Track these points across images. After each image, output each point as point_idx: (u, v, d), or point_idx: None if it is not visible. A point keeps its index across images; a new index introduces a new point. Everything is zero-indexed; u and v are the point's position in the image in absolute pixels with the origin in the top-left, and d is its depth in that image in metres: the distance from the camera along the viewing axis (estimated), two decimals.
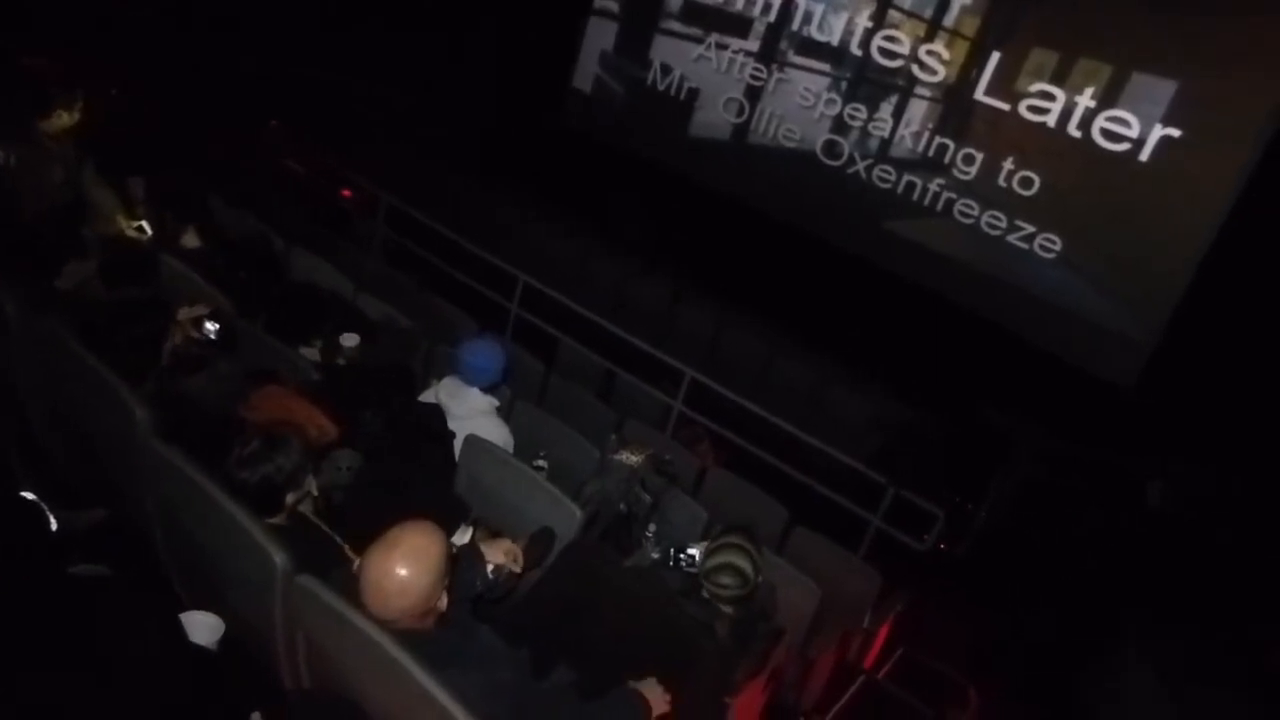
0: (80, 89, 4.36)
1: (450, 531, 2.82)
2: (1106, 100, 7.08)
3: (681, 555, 3.28)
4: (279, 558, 2.16)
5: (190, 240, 4.56)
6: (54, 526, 2.39)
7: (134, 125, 6.12)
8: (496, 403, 3.93)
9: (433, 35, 9.40)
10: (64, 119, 4.28)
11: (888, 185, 8.32)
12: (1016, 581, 6.82)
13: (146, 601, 2.10)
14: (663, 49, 9.33)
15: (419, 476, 3.19)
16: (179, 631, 2.10)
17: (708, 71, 9.08)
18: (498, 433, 3.82)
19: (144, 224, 4.43)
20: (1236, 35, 6.58)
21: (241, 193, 6.05)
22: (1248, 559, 6.31)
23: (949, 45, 7.89)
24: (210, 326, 3.27)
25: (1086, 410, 7.47)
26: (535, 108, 9.91)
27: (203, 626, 2.26)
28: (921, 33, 8.00)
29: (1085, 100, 7.14)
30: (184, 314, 3.30)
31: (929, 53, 7.96)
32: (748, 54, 8.83)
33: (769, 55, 8.73)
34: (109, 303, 3.45)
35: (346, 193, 8.56)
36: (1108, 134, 7.08)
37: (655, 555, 3.50)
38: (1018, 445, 7.67)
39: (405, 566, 2.04)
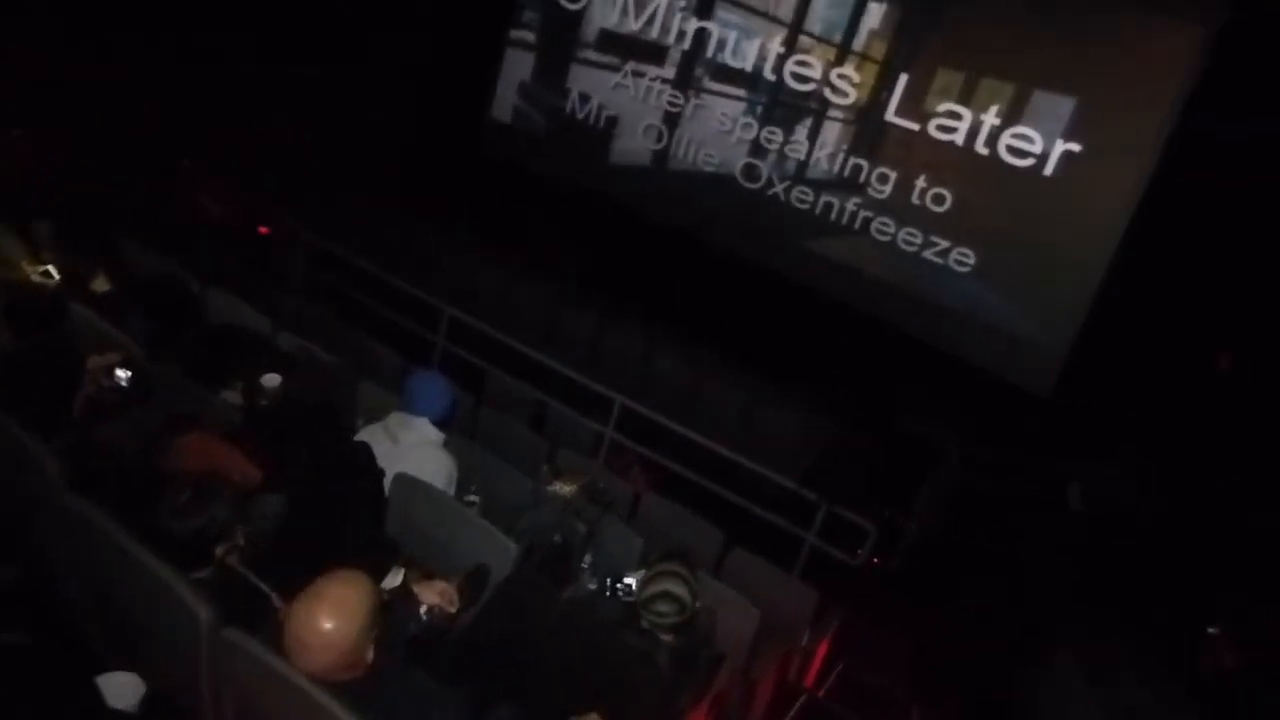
0: None
1: (382, 574, 2.77)
2: (1010, 118, 7.33)
3: (619, 585, 3.28)
4: (203, 611, 2.10)
5: (100, 284, 4.42)
6: None
7: (38, 168, 5.93)
8: (444, 436, 3.91)
9: (347, 68, 9.31)
10: None
11: (806, 206, 8.47)
12: (950, 592, 6.94)
13: (61, 667, 2.02)
14: (580, 78, 9.39)
15: (348, 519, 3.13)
16: (95, 698, 2.02)
17: (625, 99, 9.16)
18: (445, 463, 3.80)
19: (50, 268, 4.29)
20: (1126, 52, 6.89)
21: (153, 233, 5.90)
22: (1169, 558, 6.51)
23: (859, 68, 8.09)
24: (122, 374, 3.16)
25: (1007, 418, 7.68)
26: (454, 138, 9.87)
27: (122, 688, 2.18)
28: (832, 57, 8.20)
29: (990, 118, 7.37)
30: (94, 362, 3.18)
31: (840, 76, 8.15)
32: (664, 81, 8.93)
33: (685, 82, 8.84)
34: (15, 352, 3.32)
35: (264, 229, 8.39)
36: (1013, 150, 7.32)
37: (592, 586, 3.49)
38: (944, 456, 7.83)
39: (329, 619, 1.99)
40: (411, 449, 3.68)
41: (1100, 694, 5.50)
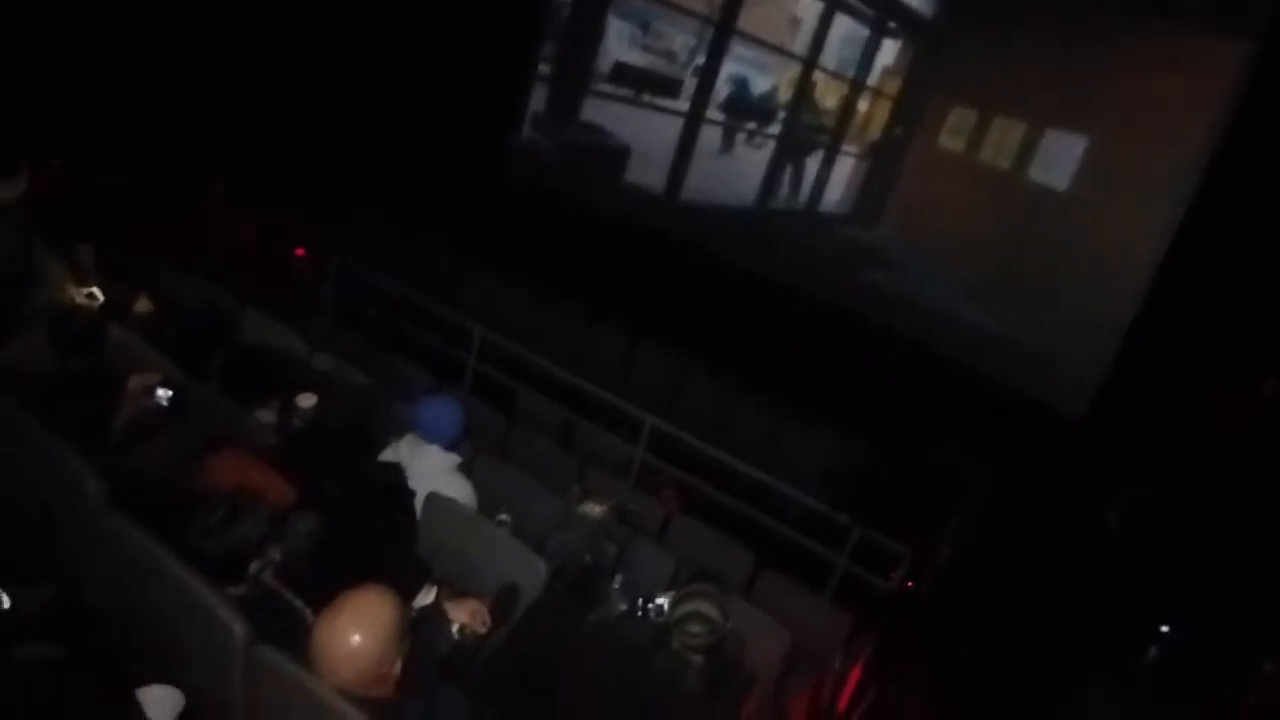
0: (24, 160, 4.32)
1: (414, 593, 2.78)
2: (1033, 145, 7.30)
3: (650, 605, 3.27)
4: (239, 628, 2.13)
5: (141, 306, 4.50)
6: (5, 605, 2.33)
7: (81, 193, 6.06)
8: (458, 459, 3.89)
9: (374, 94, 9.45)
10: (7, 190, 4.22)
11: (826, 235, 8.50)
12: (984, 617, 6.85)
13: (100, 680, 2.05)
14: (594, 110, 9.50)
15: (380, 538, 3.15)
16: (135, 709, 2.05)
17: (639, 131, 9.24)
18: (460, 490, 3.77)
19: (94, 290, 4.37)
20: (1143, 87, 6.84)
21: (188, 256, 6.00)
22: (1213, 589, 6.37)
23: (873, 103, 8.12)
24: (163, 394, 3.20)
25: (1041, 441, 7.59)
26: (475, 163, 9.97)
27: (161, 702, 2.20)
28: (846, 92, 8.23)
29: (1012, 148, 7.36)
30: (134, 383, 3.24)
31: (854, 111, 8.18)
32: (678, 114, 9.01)
33: (699, 114, 8.91)
34: (57, 374, 3.38)
35: (300, 251, 8.51)
36: (1036, 182, 7.29)
37: (623, 606, 3.48)
38: (977, 480, 7.75)
39: (355, 632, 2.01)
40: (422, 480, 3.66)
41: None
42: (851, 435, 7.97)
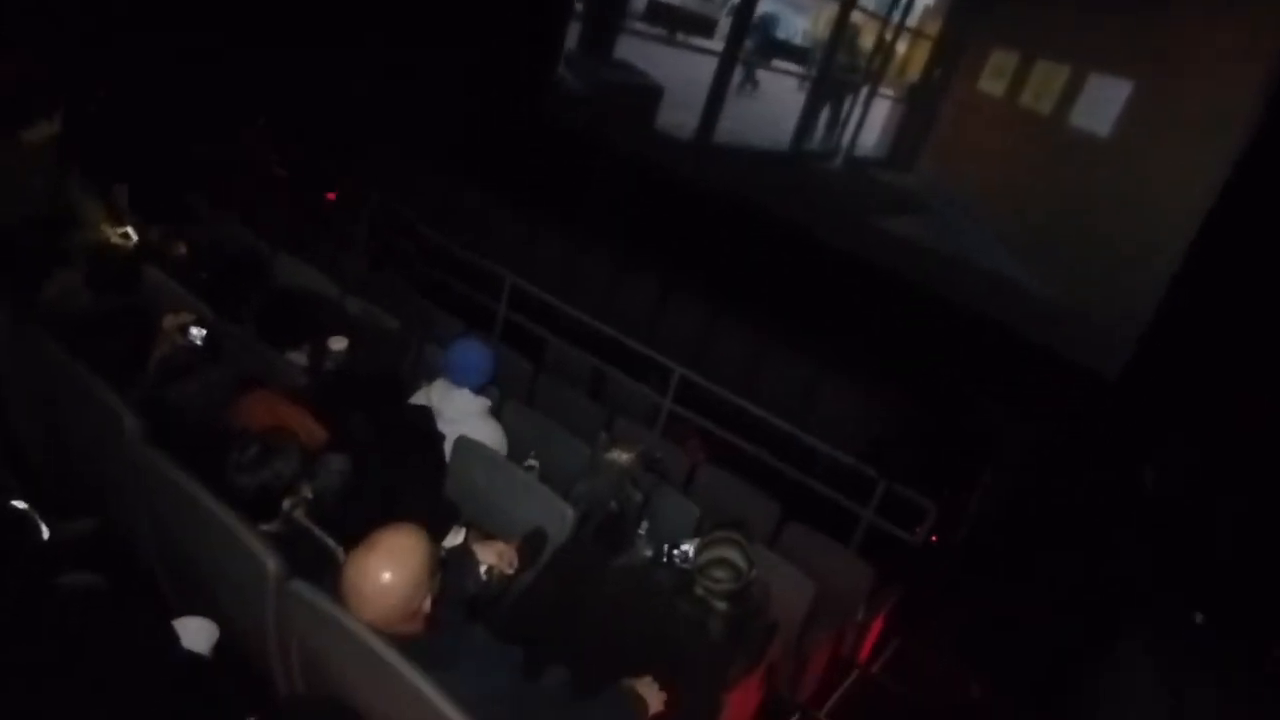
0: (61, 97, 4.33)
1: (442, 534, 2.82)
2: (1070, 98, 7.10)
3: (675, 551, 3.28)
4: (271, 563, 2.16)
5: (175, 247, 4.54)
6: (45, 535, 2.38)
7: (118, 132, 6.08)
8: (489, 403, 3.91)
9: (408, 32, 9.38)
10: (46, 128, 4.25)
11: (859, 181, 8.35)
12: (1012, 573, 6.84)
13: (138, 608, 2.10)
14: (628, 48, 9.34)
15: (410, 480, 3.18)
16: (172, 637, 2.10)
17: (673, 70, 9.09)
18: (490, 434, 3.80)
19: (129, 230, 4.41)
20: (1197, 30, 6.62)
21: (223, 198, 6.02)
22: (1247, 549, 6.30)
23: (912, 45, 7.91)
24: (196, 333, 3.23)
25: (1076, 398, 7.51)
26: (508, 106, 9.89)
27: (197, 632, 2.25)
28: (885, 33, 8.02)
29: (1053, 94, 7.16)
30: (169, 321, 3.27)
31: (892, 53, 7.98)
32: (713, 53, 8.84)
33: (734, 54, 8.74)
34: (94, 312, 3.43)
35: (331, 195, 8.52)
36: (1078, 128, 7.10)
37: (648, 553, 3.50)
38: (1008, 435, 7.70)
39: (385, 568, 2.04)
40: (452, 424, 3.68)
41: (1166, 688, 5.37)
42: (881, 388, 7.93)
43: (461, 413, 3.75)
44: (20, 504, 2.43)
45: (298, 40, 8.58)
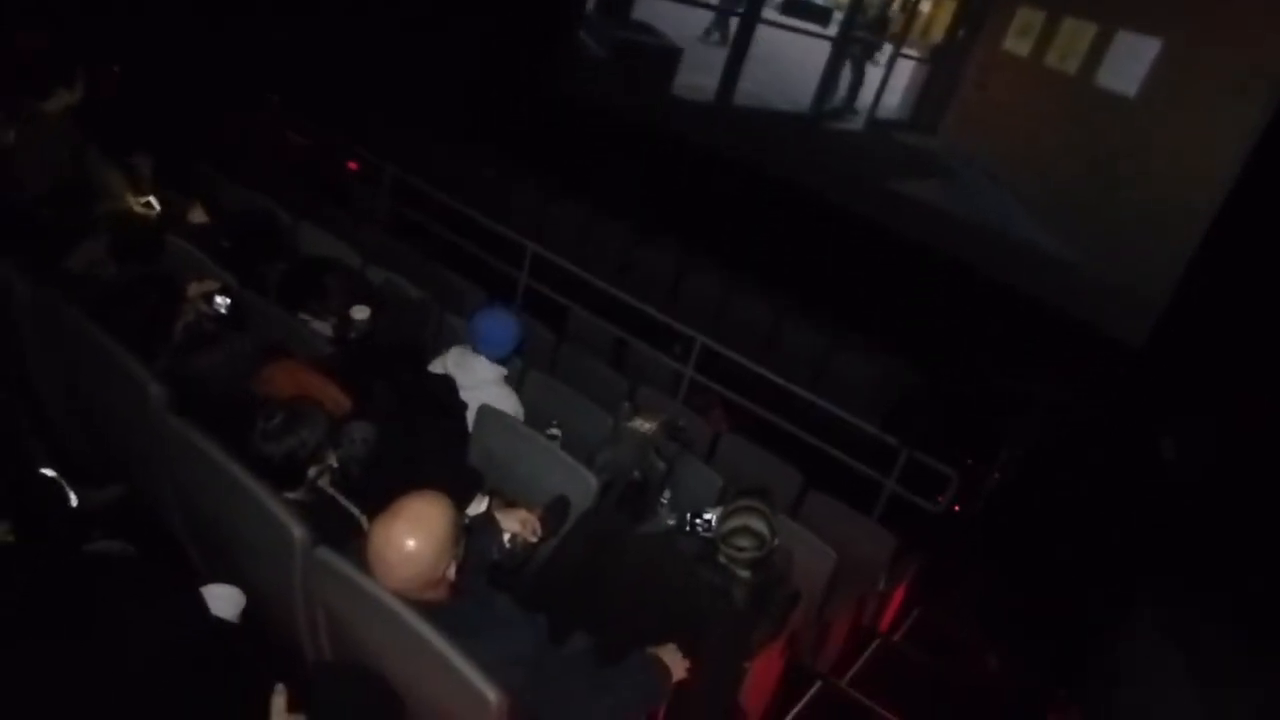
0: (81, 67, 4.32)
1: (466, 502, 2.82)
2: (1097, 57, 6.95)
3: (698, 520, 3.29)
4: (297, 531, 2.17)
5: (197, 216, 4.54)
6: (73, 503, 2.41)
7: (137, 102, 6.07)
8: (504, 371, 3.91)
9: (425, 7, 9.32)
10: (65, 97, 4.24)
11: (882, 144, 8.24)
12: (1031, 542, 6.82)
13: (166, 575, 2.12)
14: (647, 9, 9.22)
15: (433, 448, 3.19)
16: (200, 604, 2.12)
17: (693, 32, 8.97)
18: (507, 401, 3.80)
19: (152, 200, 4.41)
20: None
21: (244, 168, 6.02)
22: (1269, 521, 6.24)
23: (936, 5, 7.77)
24: (220, 301, 3.25)
25: (1098, 368, 7.44)
26: (527, 73, 9.81)
27: (224, 599, 2.27)
28: None
29: (1079, 55, 7.01)
30: (194, 290, 3.28)
31: (916, 13, 7.84)
32: (734, 14, 8.72)
33: (755, 15, 8.61)
34: (118, 282, 3.44)
35: (353, 165, 8.51)
36: (1104, 90, 6.96)
37: (671, 521, 3.51)
38: (1030, 405, 7.64)
39: (410, 536, 2.04)
40: (469, 392, 3.67)
41: (1184, 658, 5.34)
42: (902, 355, 7.88)
43: (478, 380, 3.76)
44: (49, 471, 2.45)
45: (313, 9, 8.54)
